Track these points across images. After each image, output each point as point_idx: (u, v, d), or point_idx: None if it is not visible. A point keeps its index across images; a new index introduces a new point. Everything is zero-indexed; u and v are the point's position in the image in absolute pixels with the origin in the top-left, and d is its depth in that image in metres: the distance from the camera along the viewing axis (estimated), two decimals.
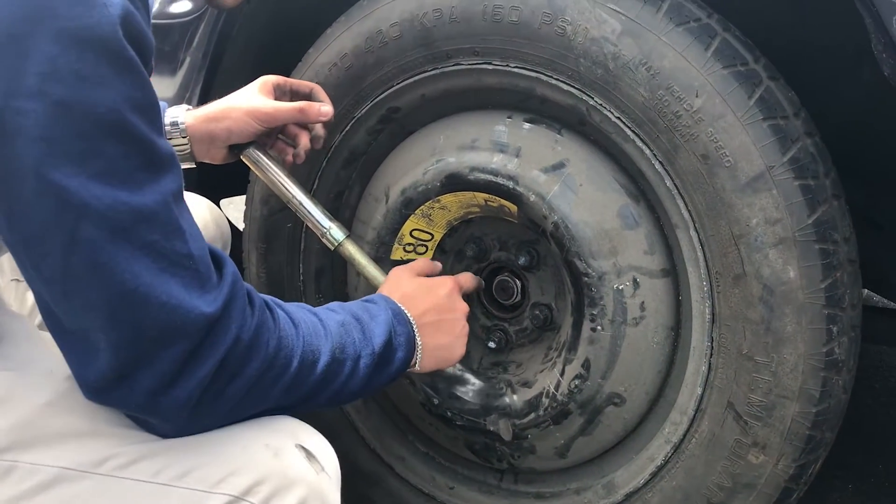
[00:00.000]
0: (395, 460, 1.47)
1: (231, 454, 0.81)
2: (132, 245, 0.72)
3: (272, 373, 0.84)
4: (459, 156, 1.27)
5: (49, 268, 0.72)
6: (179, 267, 0.75)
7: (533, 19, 1.12)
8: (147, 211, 0.72)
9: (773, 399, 1.05)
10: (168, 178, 0.75)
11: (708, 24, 1.06)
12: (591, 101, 1.12)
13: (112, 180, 0.70)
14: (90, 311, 0.73)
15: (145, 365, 0.75)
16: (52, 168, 0.68)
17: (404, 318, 1.08)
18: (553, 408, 1.24)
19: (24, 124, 0.66)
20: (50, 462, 0.78)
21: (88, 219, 0.69)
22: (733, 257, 1.05)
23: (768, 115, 1.02)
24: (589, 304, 1.18)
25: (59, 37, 0.66)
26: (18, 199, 0.69)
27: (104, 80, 0.68)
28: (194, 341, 0.76)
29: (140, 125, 0.72)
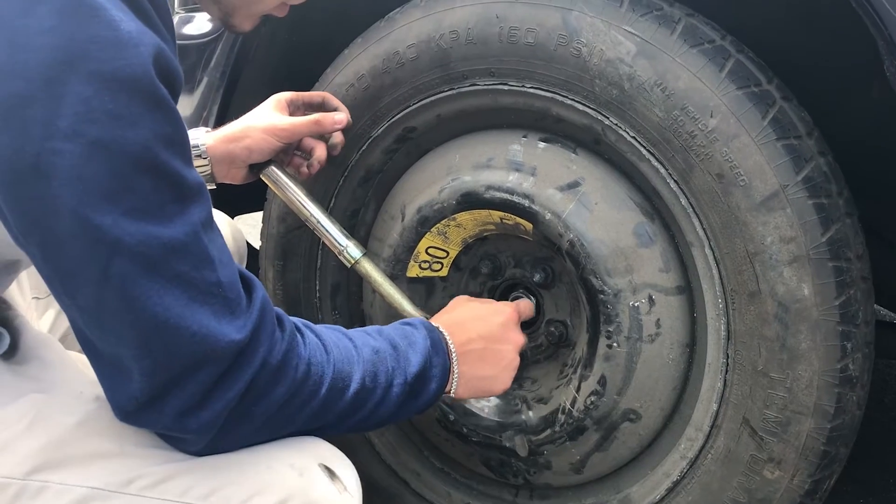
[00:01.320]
0: (410, 476, 1.49)
1: (256, 474, 0.82)
2: (163, 277, 0.73)
3: (300, 397, 0.85)
4: (475, 174, 1.29)
5: (83, 299, 0.74)
6: (209, 295, 0.76)
7: (549, 41, 1.14)
8: (177, 243, 0.74)
9: (789, 415, 1.07)
10: (197, 208, 0.77)
11: (722, 45, 1.08)
12: (607, 121, 1.14)
13: (144, 215, 0.71)
14: (123, 341, 0.74)
15: (175, 389, 0.77)
16: (87, 206, 0.69)
17: (442, 347, 1.06)
18: (569, 424, 1.25)
19: (59, 164, 0.68)
20: (80, 482, 0.79)
21: (121, 254, 0.71)
22: (748, 275, 1.06)
23: (782, 135, 1.04)
24: (605, 321, 1.19)
25: (92, 79, 0.67)
26: (52, 235, 0.71)
27: (137, 118, 0.70)
28: (223, 366, 0.78)
29: (170, 160, 0.73)
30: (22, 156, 0.67)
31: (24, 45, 0.66)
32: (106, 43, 0.67)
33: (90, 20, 0.67)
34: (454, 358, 1.07)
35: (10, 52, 0.66)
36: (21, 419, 0.82)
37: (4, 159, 0.68)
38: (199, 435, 0.80)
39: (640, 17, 1.09)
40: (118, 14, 0.69)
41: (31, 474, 0.79)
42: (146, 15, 0.73)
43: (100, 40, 0.67)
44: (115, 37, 0.68)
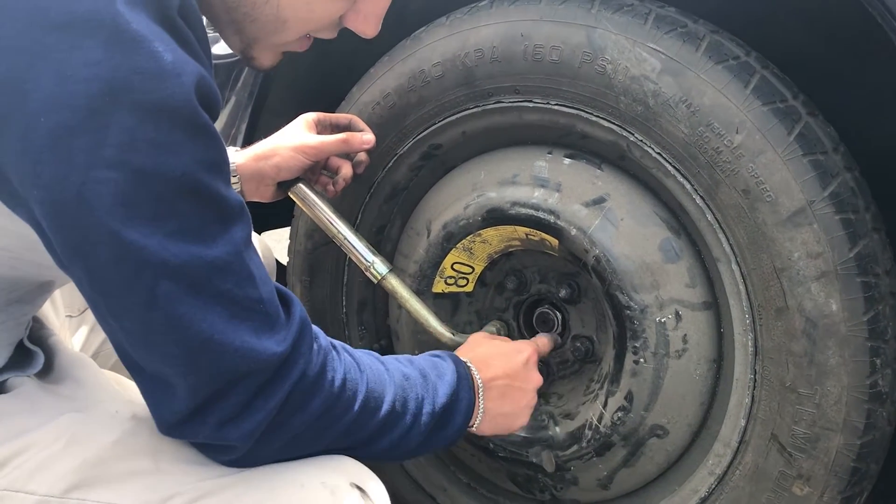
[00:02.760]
0: (437, 491, 1.49)
1: (288, 492, 0.83)
2: (208, 296, 0.75)
3: (335, 411, 0.87)
4: (500, 191, 1.29)
5: (129, 321, 0.75)
6: (251, 311, 0.79)
7: (573, 58, 1.14)
8: (220, 262, 0.76)
9: (818, 431, 1.06)
10: (238, 228, 0.79)
11: (747, 62, 1.08)
12: (632, 137, 1.14)
13: (187, 237, 0.73)
14: (168, 359, 0.76)
15: (219, 401, 0.79)
16: (131, 231, 0.71)
17: (469, 382, 1.08)
18: (596, 439, 1.25)
19: (103, 192, 0.69)
20: (116, 500, 0.81)
21: (167, 276, 0.73)
22: (775, 290, 1.06)
23: (808, 151, 1.04)
24: (631, 336, 1.19)
25: (136, 109, 0.69)
26: (98, 260, 0.72)
27: (179, 146, 0.72)
28: (265, 377, 0.80)
29: (212, 183, 0.75)
30: (67, 184, 0.69)
31: (71, 76, 0.67)
32: (149, 74, 0.69)
33: (134, 53, 0.69)
34: (480, 393, 1.09)
35: (57, 83, 0.67)
36: (58, 439, 0.83)
37: (50, 188, 0.69)
38: (240, 444, 0.82)
39: (665, 35, 1.10)
40: (160, 45, 0.70)
41: (69, 492, 0.81)
42: (187, 43, 0.75)
43: (143, 72, 0.69)
44: (158, 68, 0.70)
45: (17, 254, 0.85)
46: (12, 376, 0.94)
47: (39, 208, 0.71)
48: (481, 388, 1.09)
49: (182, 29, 0.75)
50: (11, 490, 0.80)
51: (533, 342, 1.25)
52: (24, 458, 0.82)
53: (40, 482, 0.81)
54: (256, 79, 1.52)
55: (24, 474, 0.81)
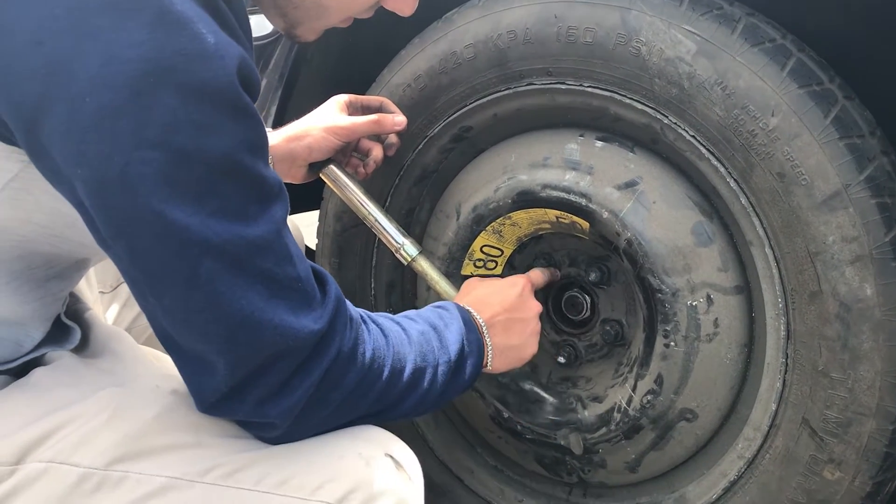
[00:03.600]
0: (464, 472, 1.50)
1: (327, 463, 0.85)
2: (248, 274, 0.76)
3: (367, 381, 0.89)
4: (531, 173, 1.29)
5: (171, 300, 0.76)
6: (290, 290, 0.80)
7: (607, 40, 1.14)
8: (261, 241, 0.77)
9: (850, 416, 1.06)
10: (277, 207, 0.80)
11: (783, 44, 1.08)
12: (665, 120, 1.14)
13: (228, 216, 0.74)
14: (209, 337, 0.78)
15: (258, 379, 0.80)
16: (174, 210, 0.72)
17: (473, 324, 1.11)
18: (625, 423, 1.26)
19: (146, 172, 0.70)
20: (158, 472, 0.82)
21: (209, 254, 0.74)
22: (809, 275, 1.06)
23: (844, 134, 1.03)
24: (662, 320, 1.19)
25: (179, 91, 0.70)
26: (141, 239, 0.73)
27: (221, 127, 0.73)
28: (303, 355, 0.81)
29: (253, 164, 0.76)
30: (111, 164, 0.70)
31: (116, 57, 0.68)
32: (192, 56, 0.70)
33: (178, 34, 0.69)
34: (485, 332, 1.11)
35: (102, 64, 0.68)
36: (101, 412, 0.84)
37: (94, 167, 0.70)
38: (279, 421, 0.83)
39: (700, 17, 1.09)
40: (203, 27, 0.71)
41: (112, 465, 0.82)
42: (229, 26, 0.76)
43: (186, 53, 0.70)
44: (202, 49, 0.70)
45: (56, 231, 0.86)
46: (50, 350, 0.95)
47: (83, 187, 0.72)
48: (484, 326, 1.12)
49: (224, 11, 0.76)
50: (56, 462, 0.81)
51: (525, 275, 1.27)
52: (68, 431, 0.83)
53: (84, 454, 0.82)
54: (287, 61, 1.52)
55: (68, 447, 0.82)
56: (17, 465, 0.82)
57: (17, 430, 0.83)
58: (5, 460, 0.82)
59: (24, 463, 0.82)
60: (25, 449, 0.82)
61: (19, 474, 0.81)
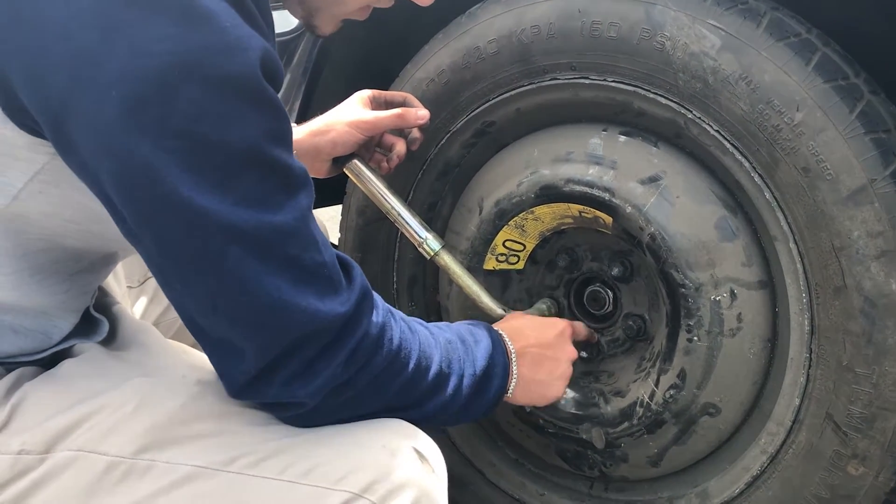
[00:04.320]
0: (485, 466, 1.50)
1: (351, 453, 0.85)
2: (276, 260, 0.78)
3: (393, 368, 0.90)
4: (554, 168, 1.30)
5: (199, 286, 0.78)
6: (316, 275, 0.81)
7: (632, 35, 1.14)
8: (287, 228, 0.78)
9: (874, 411, 1.06)
10: (303, 195, 0.81)
11: (808, 39, 1.07)
12: (690, 115, 1.14)
13: (255, 203, 0.76)
14: (237, 323, 0.79)
15: (287, 361, 0.81)
16: (201, 197, 0.73)
17: (503, 347, 1.11)
18: (647, 417, 1.26)
19: (172, 161, 0.72)
20: (185, 461, 0.83)
21: (236, 240, 0.75)
22: (834, 269, 1.06)
23: (870, 129, 1.03)
24: (685, 314, 1.20)
25: (203, 83, 0.71)
26: (168, 227, 0.75)
27: (244, 117, 0.74)
28: (330, 336, 0.83)
29: (277, 153, 0.78)
30: (137, 154, 0.71)
31: (143, 50, 0.70)
32: (217, 49, 0.72)
33: (203, 29, 0.71)
34: (513, 358, 1.11)
35: (130, 56, 0.69)
36: (128, 402, 0.86)
37: (120, 159, 0.72)
38: (308, 400, 0.84)
39: (725, 11, 1.09)
40: (228, 21, 0.73)
41: (139, 454, 0.83)
42: (252, 18, 0.77)
43: (211, 47, 0.71)
44: (225, 43, 0.72)
45: (84, 227, 0.88)
46: (78, 342, 0.97)
47: (109, 178, 0.74)
48: (514, 353, 1.11)
49: (248, 4, 0.77)
50: (85, 451, 0.83)
51: (569, 321, 1.27)
52: (97, 420, 0.84)
53: (112, 443, 0.83)
54: (311, 56, 1.53)
55: (96, 436, 0.83)
56: (46, 454, 0.83)
57: (46, 420, 0.84)
58: (35, 449, 0.83)
59: (54, 452, 0.83)
60: (55, 438, 0.84)
61: (49, 463, 0.83)
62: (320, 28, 1.05)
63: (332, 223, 1.64)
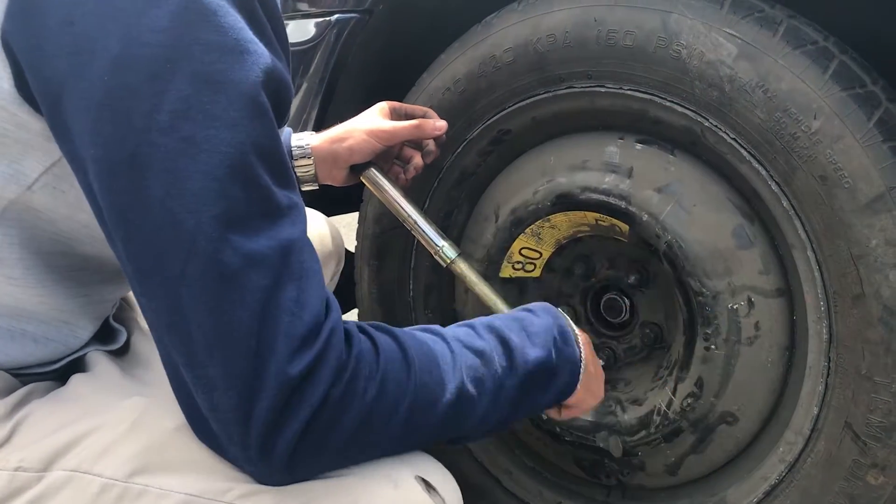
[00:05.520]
0: (502, 473, 1.50)
1: (351, 485, 0.80)
2: (236, 289, 0.71)
3: (376, 421, 0.79)
4: (570, 176, 1.30)
5: (158, 299, 0.73)
6: (284, 314, 0.73)
7: (648, 43, 1.14)
8: (258, 256, 0.72)
9: (894, 420, 1.05)
10: (286, 227, 0.75)
11: (825, 46, 1.07)
12: (706, 123, 1.14)
13: (229, 223, 0.71)
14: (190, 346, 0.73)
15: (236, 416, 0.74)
16: (173, 200, 0.70)
17: (570, 337, 1.01)
18: (664, 426, 1.26)
19: (153, 156, 0.69)
20: (178, 488, 0.79)
21: (197, 256, 0.70)
22: (852, 277, 1.05)
23: (888, 137, 1.03)
24: (702, 323, 1.19)
25: (193, 79, 0.69)
26: (138, 228, 0.71)
27: (233, 122, 0.71)
28: (282, 398, 0.73)
29: (262, 173, 0.73)
30: (123, 145, 0.70)
31: (137, 40, 0.69)
32: (211, 46, 0.70)
33: (200, 24, 0.70)
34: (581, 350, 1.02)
35: (124, 46, 0.69)
36: (123, 422, 0.83)
37: (107, 147, 0.70)
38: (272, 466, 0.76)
39: (742, 20, 1.09)
40: (231, 22, 0.71)
41: (132, 477, 0.80)
42: (261, 29, 0.75)
43: (204, 43, 0.70)
44: (222, 42, 0.71)
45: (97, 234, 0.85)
46: (93, 349, 0.96)
47: (94, 167, 0.72)
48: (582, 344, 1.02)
49: (258, 14, 0.75)
50: (80, 471, 0.80)
51: None
52: (92, 441, 0.82)
53: (106, 465, 0.80)
54: (327, 66, 1.54)
55: (91, 455, 0.81)
56: (44, 472, 0.81)
57: (45, 437, 0.82)
58: (33, 466, 0.81)
59: (51, 470, 0.81)
60: (52, 456, 0.81)
61: (46, 481, 0.80)
62: None
63: (349, 229, 1.65)
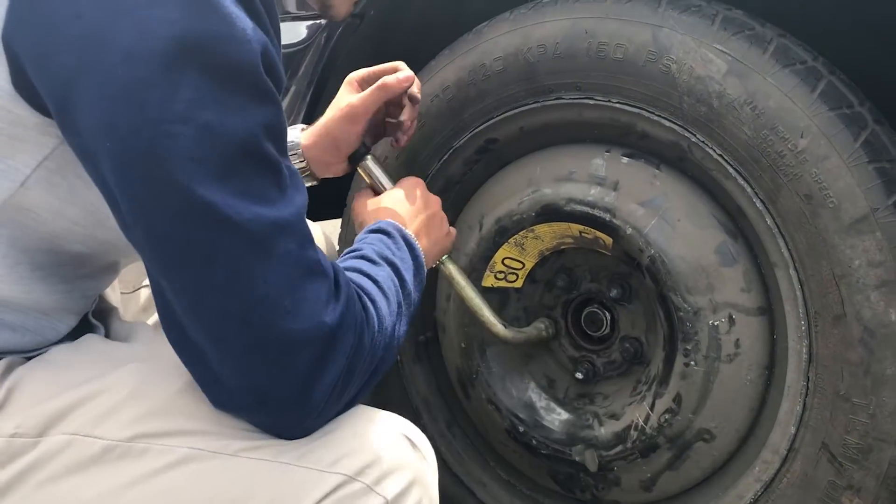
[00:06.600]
0: (476, 485, 1.49)
1: (345, 439, 0.85)
2: (269, 255, 0.76)
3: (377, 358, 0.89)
4: (556, 187, 1.29)
5: (186, 280, 0.76)
6: (312, 274, 0.80)
7: (638, 57, 1.14)
8: (282, 221, 0.77)
9: (871, 442, 1.05)
10: (297, 195, 0.81)
11: (814, 66, 1.08)
12: (693, 138, 1.14)
13: (250, 197, 0.75)
14: (226, 322, 0.77)
15: (276, 375, 0.79)
16: (197, 185, 0.72)
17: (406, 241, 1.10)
18: (641, 441, 1.25)
19: (172, 146, 0.72)
20: (180, 444, 0.82)
21: (229, 230, 0.74)
22: (833, 298, 1.05)
23: (874, 158, 1.03)
24: (683, 338, 1.19)
25: (206, 69, 0.72)
26: (162, 215, 0.74)
27: (243, 108, 0.74)
28: (319, 350, 0.80)
29: (272, 150, 0.77)
30: (140, 137, 0.71)
31: (149, 33, 0.70)
32: (222, 38, 0.72)
33: (209, 16, 0.72)
34: (415, 244, 1.10)
35: (136, 38, 0.70)
36: (123, 387, 0.85)
37: (122, 139, 0.72)
38: (301, 419, 0.83)
39: (732, 36, 1.09)
40: (234, 11, 0.73)
41: (134, 439, 0.82)
42: (257, 16, 0.77)
43: (216, 35, 0.72)
44: (230, 32, 0.73)
45: (88, 231, 0.88)
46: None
47: (109, 161, 0.73)
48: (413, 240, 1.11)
49: (256, 3, 0.77)
50: (80, 434, 0.82)
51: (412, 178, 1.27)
52: (92, 405, 0.83)
53: (107, 428, 0.82)
54: (316, 68, 1.53)
55: (91, 420, 0.83)
56: (40, 437, 0.83)
57: (39, 403, 0.84)
58: (29, 432, 0.83)
59: (48, 435, 0.83)
60: (49, 421, 0.83)
61: (42, 446, 0.82)
62: (335, 9, 1.06)
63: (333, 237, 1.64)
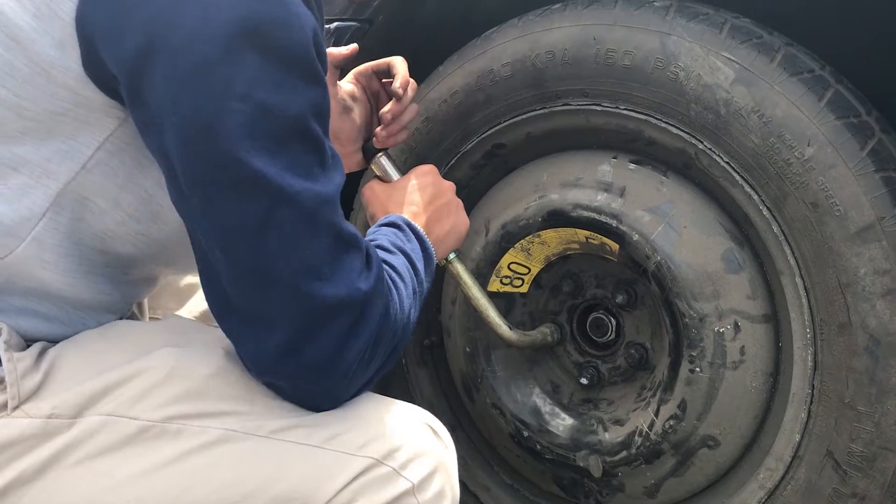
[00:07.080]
0: (480, 490, 1.49)
1: (371, 425, 0.89)
2: (315, 225, 0.82)
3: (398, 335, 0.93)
4: (563, 193, 1.30)
5: (239, 249, 0.81)
6: (350, 245, 0.85)
7: (646, 64, 1.15)
8: (327, 196, 0.83)
9: (875, 450, 1.05)
10: (337, 174, 0.86)
11: (821, 75, 1.08)
12: (700, 146, 1.14)
13: (298, 171, 0.80)
14: (273, 288, 0.82)
15: (315, 338, 0.83)
16: (254, 158, 0.78)
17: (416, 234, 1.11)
18: (646, 447, 1.25)
19: (232, 122, 0.77)
20: (215, 425, 0.86)
21: (283, 201, 0.79)
22: (839, 306, 1.06)
23: (880, 167, 1.03)
24: (688, 345, 1.19)
25: (264, 51, 0.77)
26: (220, 185, 0.79)
27: (297, 89, 0.80)
28: (354, 315, 0.85)
29: (318, 129, 0.83)
30: (203, 113, 0.77)
31: (213, 16, 0.76)
32: (278, 21, 0.78)
33: (269, 1, 0.77)
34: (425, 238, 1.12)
35: (202, 21, 0.76)
36: (159, 369, 0.87)
37: (187, 115, 0.77)
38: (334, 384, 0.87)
39: (740, 45, 1.10)
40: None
41: (170, 420, 0.85)
42: (308, 1, 0.83)
43: (273, 18, 0.77)
44: (287, 17, 0.78)
45: (141, 227, 0.91)
46: None
47: (173, 135, 0.78)
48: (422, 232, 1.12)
49: None
50: (115, 415, 0.84)
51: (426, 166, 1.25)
52: (129, 387, 0.86)
53: (143, 409, 0.85)
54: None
55: (127, 401, 0.85)
56: (76, 418, 0.85)
57: (76, 385, 0.86)
58: (65, 413, 0.85)
59: (83, 416, 0.85)
60: (86, 402, 0.85)
61: (78, 427, 0.84)
62: None
63: None
